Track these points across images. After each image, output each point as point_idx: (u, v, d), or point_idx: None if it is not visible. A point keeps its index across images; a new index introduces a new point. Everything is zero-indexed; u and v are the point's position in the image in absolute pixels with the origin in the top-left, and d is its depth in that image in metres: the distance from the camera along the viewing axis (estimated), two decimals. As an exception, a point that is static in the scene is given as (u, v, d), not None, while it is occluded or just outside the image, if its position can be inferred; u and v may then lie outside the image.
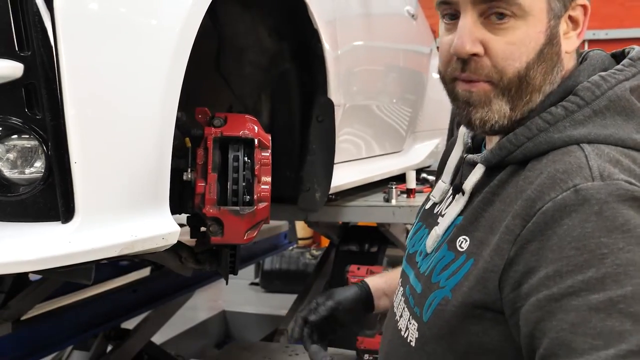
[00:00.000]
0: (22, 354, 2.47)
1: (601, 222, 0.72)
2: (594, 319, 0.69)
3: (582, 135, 0.80)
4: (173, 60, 1.01)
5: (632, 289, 0.69)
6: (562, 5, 0.84)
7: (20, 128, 0.89)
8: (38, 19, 0.86)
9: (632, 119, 0.82)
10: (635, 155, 0.79)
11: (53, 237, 0.88)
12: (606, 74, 0.84)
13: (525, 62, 0.83)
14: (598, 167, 0.76)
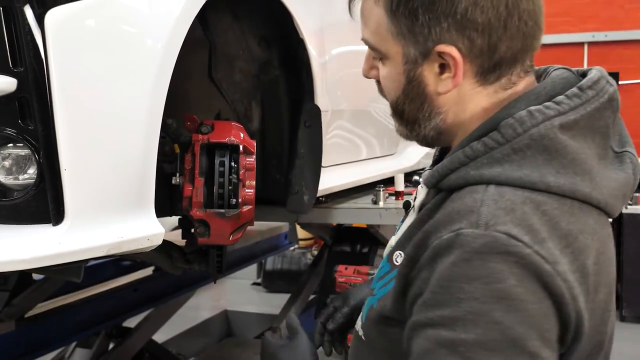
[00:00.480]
0: (25, 351, 2.54)
1: (467, 269, 0.75)
2: (438, 352, 0.76)
3: (492, 176, 0.81)
4: (158, 73, 1.08)
5: (475, 337, 0.74)
6: (419, 53, 0.86)
7: (15, 138, 0.96)
8: (30, 36, 0.93)
9: (555, 159, 0.80)
10: (542, 200, 0.79)
11: (44, 238, 0.96)
12: (536, 108, 0.82)
13: (395, 97, 0.91)
14: (486, 214, 0.77)
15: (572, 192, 0.80)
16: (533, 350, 0.74)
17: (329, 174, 2.03)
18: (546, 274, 0.74)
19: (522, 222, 0.76)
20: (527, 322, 0.74)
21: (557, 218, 0.78)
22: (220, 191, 1.34)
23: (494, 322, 0.73)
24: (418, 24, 0.84)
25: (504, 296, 0.74)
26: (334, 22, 1.99)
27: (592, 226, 0.82)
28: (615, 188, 0.85)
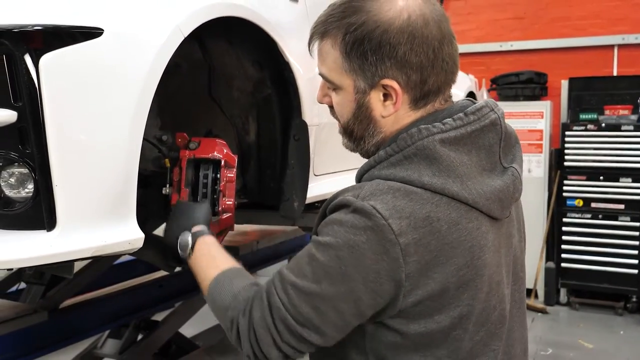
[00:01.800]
0: (57, 339, 2.80)
1: (342, 218, 1.04)
2: (302, 258, 1.08)
3: (387, 175, 1.07)
4: (138, 103, 1.28)
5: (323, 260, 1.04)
6: (367, 85, 1.10)
7: (17, 159, 1.17)
8: (27, 77, 1.14)
9: (433, 164, 1.04)
10: (414, 191, 1.04)
11: (40, 242, 1.17)
12: (424, 126, 1.06)
13: (346, 119, 1.16)
14: (366, 191, 1.04)
15: (442, 190, 1.04)
16: (352, 286, 1.02)
17: (321, 182, 2.21)
18: (389, 241, 1.00)
19: (389, 202, 1.01)
20: (358, 268, 1.01)
21: (419, 205, 1.02)
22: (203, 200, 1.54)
23: (338, 257, 1.02)
24: (367, 63, 1.08)
25: (352, 245, 1.01)
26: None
27: (453, 218, 1.04)
28: (488, 192, 1.07)
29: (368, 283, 1.01)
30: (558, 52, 6.26)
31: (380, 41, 1.05)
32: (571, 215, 5.74)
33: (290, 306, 1.05)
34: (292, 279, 1.06)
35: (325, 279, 1.03)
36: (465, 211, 1.05)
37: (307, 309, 1.04)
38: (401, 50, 1.05)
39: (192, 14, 1.43)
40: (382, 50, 1.05)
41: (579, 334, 5.06)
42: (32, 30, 1.13)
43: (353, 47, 1.07)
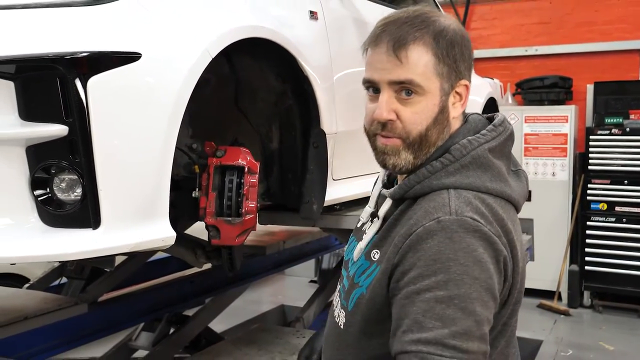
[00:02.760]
0: (95, 330, 3.01)
1: (451, 244, 1.05)
2: (438, 307, 1.02)
3: (450, 183, 1.13)
4: (171, 117, 1.46)
5: (464, 291, 1.03)
6: (449, 86, 1.17)
7: (68, 167, 1.36)
8: (77, 97, 1.32)
9: (488, 171, 1.15)
10: (485, 197, 1.12)
11: (87, 238, 1.36)
12: (473, 137, 1.16)
13: (425, 126, 1.16)
14: (455, 206, 1.08)
15: (501, 193, 1.15)
16: (496, 294, 1.07)
17: (339, 187, 2.36)
18: (496, 244, 1.07)
19: (477, 210, 1.09)
20: (491, 277, 1.06)
21: (495, 209, 1.12)
22: (228, 203, 1.72)
23: (474, 277, 1.04)
24: (455, 65, 1.16)
25: (479, 259, 1.05)
26: (344, 54, 2.32)
27: (512, 216, 1.17)
28: (520, 192, 1.22)
29: (499, 281, 1.09)
30: (583, 57, 6.30)
31: (462, 45, 1.17)
32: (595, 219, 5.78)
33: (461, 353, 1.01)
34: (444, 333, 1.01)
35: (476, 306, 1.03)
36: (513, 210, 1.20)
37: (475, 342, 1.03)
38: (470, 54, 1.20)
39: (218, 38, 1.60)
40: (464, 53, 1.17)
41: (601, 336, 5.11)
42: (81, 57, 1.32)
43: (445, 50, 1.14)
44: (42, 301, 2.87)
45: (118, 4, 1.45)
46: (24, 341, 2.63)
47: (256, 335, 2.46)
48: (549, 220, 5.91)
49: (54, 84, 1.33)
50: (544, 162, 6.06)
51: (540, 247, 5.13)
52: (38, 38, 1.35)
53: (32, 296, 2.99)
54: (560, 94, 6.08)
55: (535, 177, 6.08)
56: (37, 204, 1.38)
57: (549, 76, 6.11)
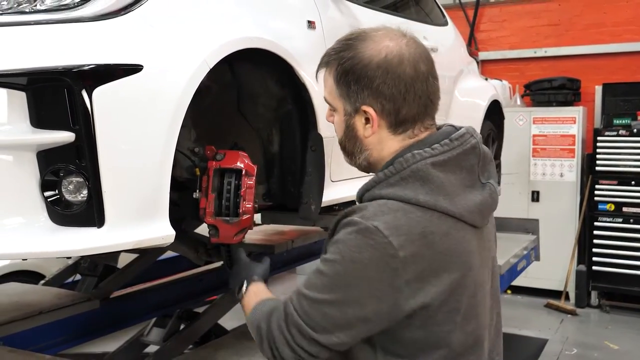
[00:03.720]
0: (107, 325, 3.13)
1: (348, 238, 1.19)
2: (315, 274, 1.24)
3: (386, 194, 1.22)
4: (171, 124, 1.57)
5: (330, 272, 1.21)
6: (352, 109, 1.30)
7: (75, 171, 1.48)
8: (83, 106, 1.44)
9: (426, 184, 1.20)
10: (411, 210, 1.19)
11: (92, 236, 1.47)
12: (418, 152, 1.23)
13: (340, 137, 1.37)
14: (370, 212, 1.19)
15: (434, 206, 1.20)
16: (356, 294, 1.18)
17: (338, 188, 2.46)
18: (390, 256, 1.16)
19: (390, 222, 1.17)
20: (362, 280, 1.17)
21: (415, 222, 1.18)
22: (227, 204, 1.82)
23: (344, 271, 1.18)
24: (351, 91, 1.29)
25: (356, 261, 1.17)
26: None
27: (444, 229, 1.21)
28: (472, 205, 1.25)
29: (371, 291, 1.17)
30: (592, 58, 6.33)
31: (360, 74, 1.25)
32: (602, 219, 5.82)
33: (302, 313, 1.21)
34: (304, 291, 1.23)
35: (332, 290, 1.19)
36: (454, 223, 1.22)
37: (317, 315, 1.20)
38: (376, 82, 1.24)
39: (216, 49, 1.71)
40: (362, 81, 1.25)
41: (606, 336, 5.16)
42: (87, 69, 1.43)
43: (341, 77, 1.28)
44: (56, 297, 3.00)
45: (123, 19, 1.57)
46: (39, 335, 2.76)
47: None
48: (557, 221, 5.96)
49: (62, 94, 1.44)
50: (552, 163, 6.10)
51: (547, 247, 5.18)
52: (48, 52, 1.46)
53: (47, 292, 3.12)
54: (568, 95, 6.12)
55: (544, 178, 6.13)
56: (46, 204, 1.49)
57: (557, 78, 6.16)
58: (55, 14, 1.53)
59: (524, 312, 5.77)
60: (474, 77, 4.06)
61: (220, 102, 2.25)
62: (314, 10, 2.28)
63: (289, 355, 1.24)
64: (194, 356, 2.29)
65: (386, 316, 1.19)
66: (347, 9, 2.52)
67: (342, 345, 1.23)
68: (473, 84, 3.96)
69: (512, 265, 3.96)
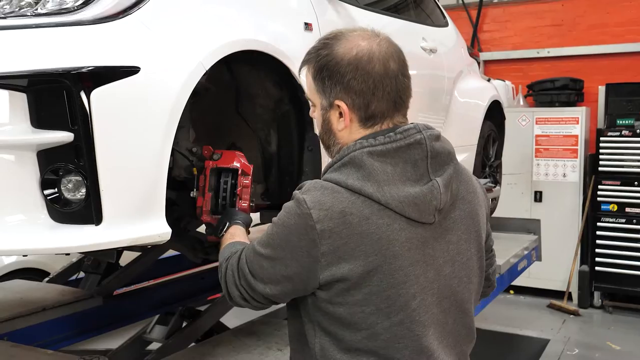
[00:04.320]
0: (110, 322, 3.18)
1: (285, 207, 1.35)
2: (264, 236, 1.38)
3: (328, 177, 1.33)
4: (167, 125, 1.61)
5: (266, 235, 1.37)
6: (327, 104, 1.39)
7: (73, 170, 1.52)
8: (81, 107, 1.48)
9: (360, 170, 1.29)
10: (339, 190, 1.29)
11: (90, 233, 1.51)
12: (359, 141, 1.32)
13: (319, 130, 1.46)
14: (306, 187, 1.33)
15: (359, 190, 1.28)
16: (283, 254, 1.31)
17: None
18: (309, 226, 1.27)
19: (316, 197, 1.29)
20: (288, 242, 1.30)
21: (338, 202, 1.27)
22: (223, 203, 1.86)
23: (278, 232, 1.33)
24: (325, 86, 1.38)
25: (285, 225, 1.31)
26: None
27: (365, 213, 1.27)
28: (402, 196, 1.28)
29: (294, 254, 1.30)
30: (595, 59, 6.34)
31: (333, 70, 1.34)
32: (605, 220, 5.83)
33: (248, 261, 1.39)
34: (254, 244, 1.40)
35: (267, 246, 1.35)
36: (378, 209, 1.27)
37: (256, 265, 1.36)
38: (347, 78, 1.33)
39: (212, 51, 1.75)
40: (335, 77, 1.34)
41: (609, 336, 5.17)
42: (85, 71, 1.47)
43: (317, 73, 1.38)
44: (60, 294, 3.06)
45: (121, 22, 1.61)
46: (43, 330, 2.81)
47: (256, 327, 2.61)
48: (560, 221, 5.97)
49: (61, 95, 1.49)
50: (554, 163, 6.12)
51: (550, 247, 5.20)
52: (48, 54, 1.51)
53: (51, 289, 3.18)
54: (571, 95, 6.13)
55: (546, 178, 6.15)
56: (46, 202, 1.53)
57: (559, 78, 6.17)
58: (55, 17, 1.57)
59: (526, 312, 5.79)
60: (474, 78, 4.08)
61: (219, 103, 2.29)
62: (310, 13, 2.32)
63: (236, 294, 1.42)
64: (192, 352, 2.33)
65: (305, 280, 1.31)
66: (344, 11, 2.56)
67: (274, 297, 1.37)
68: (473, 84, 3.98)
69: (512, 265, 3.98)
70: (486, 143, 4.08)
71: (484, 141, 4.01)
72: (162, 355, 2.74)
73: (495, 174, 4.30)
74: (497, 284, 3.68)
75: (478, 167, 3.96)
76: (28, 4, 1.60)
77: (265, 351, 2.26)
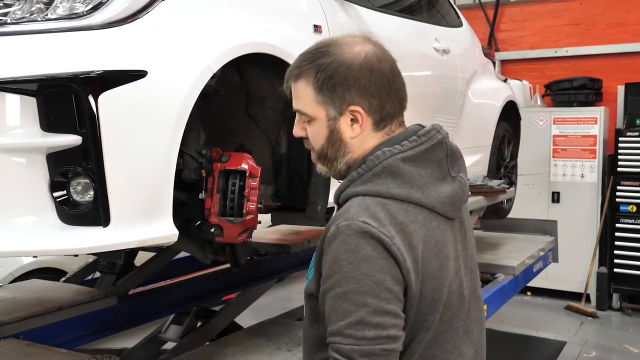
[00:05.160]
0: (124, 322, 3.22)
1: (344, 246, 1.20)
2: (338, 303, 1.20)
3: (360, 190, 1.27)
4: (174, 127, 1.63)
5: (354, 286, 1.18)
6: (336, 112, 1.33)
7: (82, 172, 1.54)
8: (89, 110, 1.50)
9: (398, 178, 1.27)
10: (387, 203, 1.24)
11: (98, 235, 1.54)
12: (388, 149, 1.29)
13: (320, 145, 1.37)
14: (352, 212, 1.22)
15: (407, 198, 1.26)
16: (389, 286, 1.20)
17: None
18: (386, 243, 1.20)
19: (373, 215, 1.22)
20: (382, 271, 1.19)
21: (395, 213, 1.24)
22: (231, 204, 1.88)
23: (363, 273, 1.18)
24: (336, 94, 1.32)
25: (367, 257, 1.19)
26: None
27: (421, 219, 1.27)
28: (443, 197, 1.30)
29: (394, 276, 1.21)
30: (614, 58, 6.26)
31: (345, 76, 1.29)
32: (624, 221, 5.75)
33: (357, 340, 1.18)
34: (341, 325, 1.19)
35: (367, 298, 1.18)
36: (428, 213, 1.28)
37: (371, 330, 1.18)
38: (363, 81, 1.30)
39: (220, 54, 1.76)
40: (348, 82, 1.30)
41: (627, 339, 5.10)
42: (93, 76, 1.50)
43: (324, 82, 1.31)
44: (75, 293, 3.10)
45: (130, 27, 1.63)
46: (58, 330, 2.86)
47: (267, 327, 2.62)
48: (578, 222, 5.91)
49: (69, 99, 1.51)
50: (572, 164, 6.05)
51: (568, 248, 5.15)
52: (57, 59, 1.54)
53: (67, 289, 3.22)
54: (589, 95, 6.06)
55: (564, 179, 6.09)
56: (55, 204, 1.56)
57: (577, 77, 6.10)
58: (65, 22, 1.60)
59: (543, 313, 5.74)
60: (489, 78, 4.06)
61: (229, 105, 2.31)
62: (320, 15, 2.33)
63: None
64: (203, 352, 2.35)
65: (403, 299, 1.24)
66: (354, 12, 2.56)
67: (400, 338, 1.23)
68: (487, 84, 3.96)
69: (527, 267, 3.95)
70: (501, 144, 4.05)
71: (498, 142, 3.99)
72: (177, 355, 2.76)
73: (510, 174, 4.27)
74: (512, 285, 3.68)
75: (492, 167, 3.94)
76: (39, 10, 1.63)
77: (275, 352, 2.27)
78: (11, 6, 1.64)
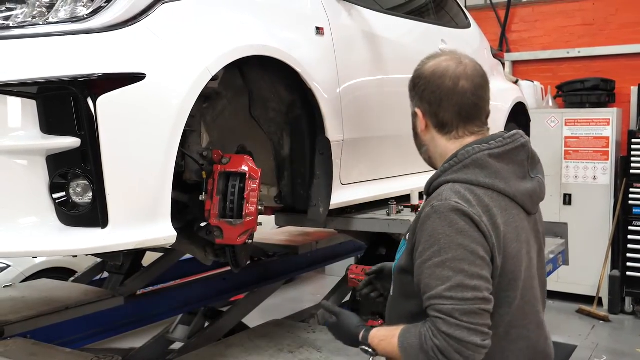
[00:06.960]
0: (131, 321, 3.25)
1: (439, 222, 1.40)
2: (437, 271, 1.38)
3: (451, 178, 1.48)
4: (172, 130, 1.64)
5: (452, 255, 1.37)
6: (412, 110, 1.61)
7: (80, 174, 1.56)
8: (88, 113, 1.52)
9: (485, 170, 1.46)
10: (475, 189, 1.44)
11: (96, 236, 1.56)
12: (477, 145, 1.48)
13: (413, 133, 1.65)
14: (446, 195, 1.43)
15: (492, 186, 1.46)
16: (482, 254, 1.38)
17: (348, 191, 2.50)
18: (476, 220, 1.39)
19: (463, 198, 1.42)
20: (475, 242, 1.38)
21: (482, 197, 1.43)
22: (231, 206, 1.89)
23: (459, 244, 1.37)
24: (412, 95, 1.61)
25: (461, 230, 1.38)
26: (352, 66, 2.45)
27: (503, 205, 1.46)
28: (523, 190, 1.50)
29: (484, 247, 1.39)
30: (627, 58, 6.20)
31: (415, 82, 1.59)
32: (637, 224, 5.69)
33: (458, 301, 1.34)
34: (441, 289, 1.36)
35: (464, 265, 1.36)
36: (509, 202, 1.47)
37: (469, 292, 1.35)
38: (421, 90, 1.56)
39: (219, 57, 1.78)
40: (415, 89, 1.59)
41: (639, 343, 5.04)
42: (91, 79, 1.52)
43: (409, 83, 1.62)
44: (83, 293, 3.14)
45: (129, 30, 1.65)
46: (66, 329, 2.89)
47: (270, 329, 2.62)
48: (589, 225, 5.85)
49: (68, 102, 1.54)
50: (584, 166, 6.00)
51: (580, 251, 5.10)
52: (57, 62, 1.56)
53: (75, 289, 3.26)
54: (601, 96, 6.00)
55: (576, 181, 6.04)
56: (55, 206, 1.58)
57: (590, 78, 6.04)
58: (66, 25, 1.62)
59: (554, 317, 5.68)
60: (497, 80, 4.04)
61: (232, 107, 2.32)
62: (323, 17, 2.33)
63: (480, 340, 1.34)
64: (204, 353, 2.36)
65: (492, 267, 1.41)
66: (358, 15, 2.56)
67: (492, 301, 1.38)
68: (496, 86, 3.92)
69: (536, 269, 3.93)
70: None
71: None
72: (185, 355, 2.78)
73: (519, 176, 4.23)
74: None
75: (500, 169, 3.91)
76: (40, 13, 1.66)
77: (277, 353, 2.28)
78: (14, 10, 1.67)
